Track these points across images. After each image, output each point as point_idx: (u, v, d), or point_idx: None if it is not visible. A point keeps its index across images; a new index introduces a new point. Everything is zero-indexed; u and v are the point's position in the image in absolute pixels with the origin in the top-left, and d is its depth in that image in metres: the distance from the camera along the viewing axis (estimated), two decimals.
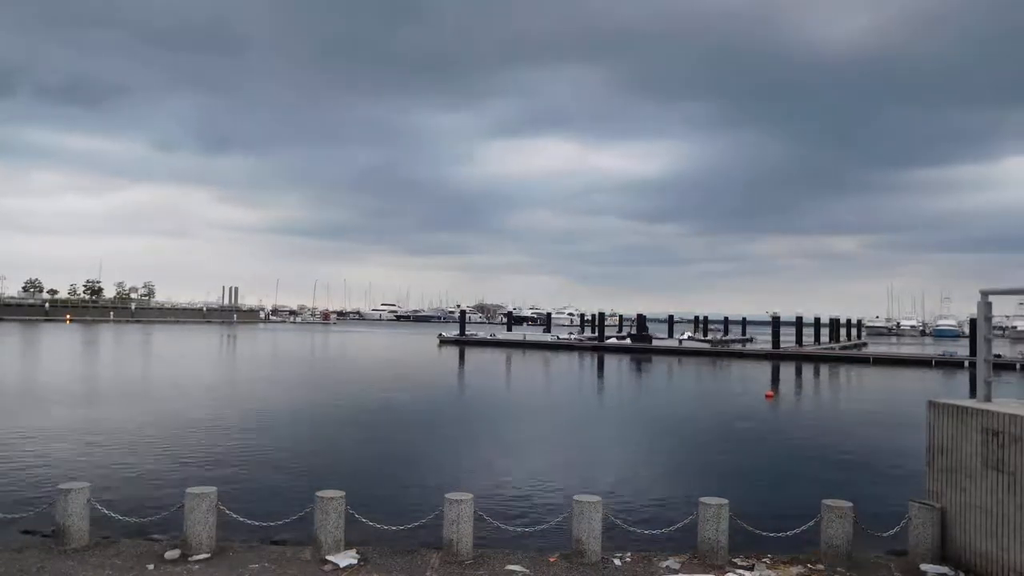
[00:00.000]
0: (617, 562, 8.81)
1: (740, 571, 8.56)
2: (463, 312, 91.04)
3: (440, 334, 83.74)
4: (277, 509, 10.34)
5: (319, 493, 8.96)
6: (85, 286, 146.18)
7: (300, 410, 25.03)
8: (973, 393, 11.70)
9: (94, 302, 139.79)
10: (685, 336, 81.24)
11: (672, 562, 8.84)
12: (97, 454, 16.36)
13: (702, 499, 9.07)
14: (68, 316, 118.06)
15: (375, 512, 9.81)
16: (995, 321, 10.61)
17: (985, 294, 9.57)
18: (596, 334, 76.96)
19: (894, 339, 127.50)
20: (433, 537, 9.14)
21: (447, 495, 8.98)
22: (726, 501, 9.08)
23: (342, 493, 9.00)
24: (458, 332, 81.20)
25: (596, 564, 8.71)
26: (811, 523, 9.28)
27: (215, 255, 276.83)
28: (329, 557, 8.61)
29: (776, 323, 64.00)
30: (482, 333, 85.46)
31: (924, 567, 8.68)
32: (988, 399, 9.11)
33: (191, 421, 21.34)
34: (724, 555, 8.82)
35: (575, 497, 9.04)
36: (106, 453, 16.50)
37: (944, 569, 8.60)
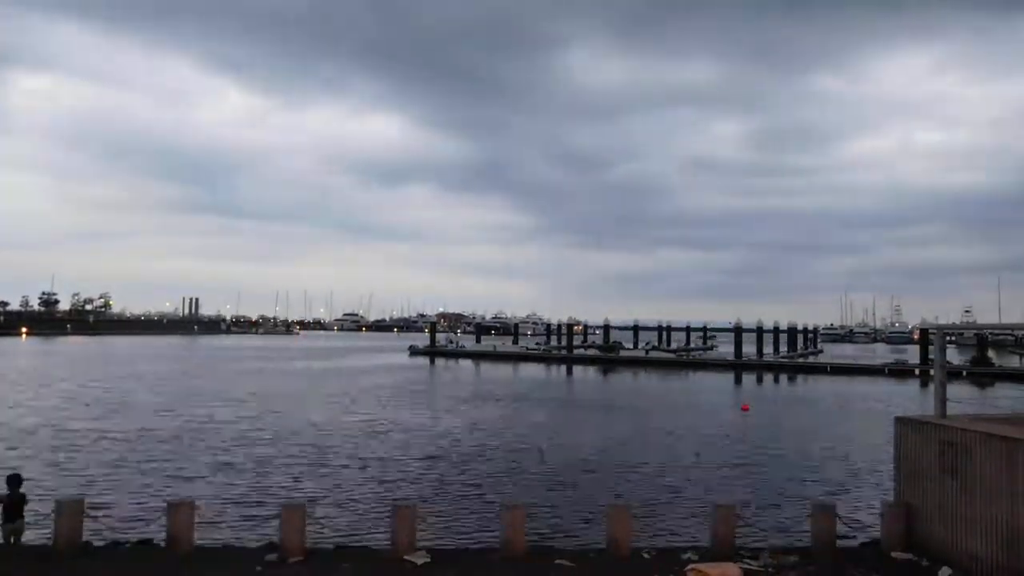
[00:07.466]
0: (646, 555, 10.55)
1: (747, 561, 10.38)
2: (433, 324, 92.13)
3: (411, 345, 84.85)
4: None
5: (395, 502, 10.54)
6: (40, 299, 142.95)
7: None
8: (926, 401, 13.65)
9: (49, 315, 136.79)
10: (650, 346, 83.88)
11: (691, 554, 10.63)
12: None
13: (717, 501, 10.90)
14: (25, 329, 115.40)
15: None
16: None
17: (939, 330, 11.64)
18: (564, 344, 79.02)
19: (847, 344, 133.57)
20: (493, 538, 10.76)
21: (501, 501, 10.64)
22: (735, 503, 10.93)
23: (415, 502, 10.58)
24: (428, 343, 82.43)
25: (628, 557, 10.44)
26: (803, 520, 11.15)
27: None
28: (407, 557, 10.17)
29: (738, 331, 66.67)
30: (452, 344, 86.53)
31: (894, 555, 10.62)
32: (943, 416, 11.13)
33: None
34: (733, 548, 10.65)
35: (610, 502, 10.78)
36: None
37: (910, 556, 10.54)
